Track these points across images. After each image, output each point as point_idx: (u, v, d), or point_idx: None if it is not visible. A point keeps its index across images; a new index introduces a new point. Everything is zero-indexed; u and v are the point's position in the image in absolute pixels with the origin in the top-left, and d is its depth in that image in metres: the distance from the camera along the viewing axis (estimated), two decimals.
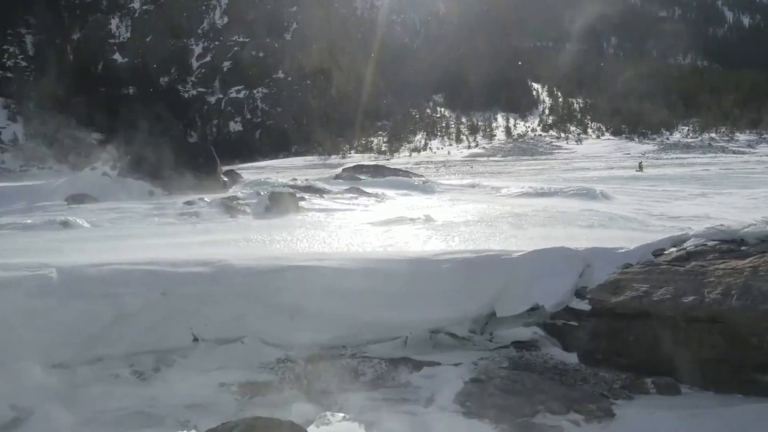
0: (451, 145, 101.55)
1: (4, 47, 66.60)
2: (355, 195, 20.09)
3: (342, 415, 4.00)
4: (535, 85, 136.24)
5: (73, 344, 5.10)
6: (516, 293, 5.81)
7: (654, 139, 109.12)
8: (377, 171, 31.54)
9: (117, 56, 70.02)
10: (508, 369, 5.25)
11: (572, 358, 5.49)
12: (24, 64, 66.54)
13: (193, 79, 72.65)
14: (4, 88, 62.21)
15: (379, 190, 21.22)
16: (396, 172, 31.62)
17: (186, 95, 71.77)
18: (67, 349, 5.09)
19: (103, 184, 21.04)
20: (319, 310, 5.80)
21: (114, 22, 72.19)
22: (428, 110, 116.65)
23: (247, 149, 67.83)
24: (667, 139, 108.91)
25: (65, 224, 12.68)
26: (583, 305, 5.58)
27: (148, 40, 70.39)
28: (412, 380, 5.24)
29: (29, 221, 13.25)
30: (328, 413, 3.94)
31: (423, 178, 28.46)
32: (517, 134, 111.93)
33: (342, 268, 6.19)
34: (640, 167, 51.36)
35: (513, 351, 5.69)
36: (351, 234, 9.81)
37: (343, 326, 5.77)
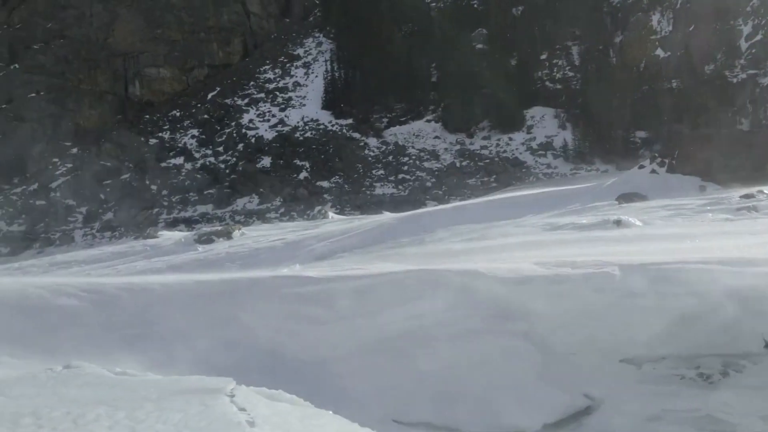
0: None
1: (554, 61, 73.36)
2: None
3: None
4: None
5: (639, 341, 5.25)
6: None
7: None
8: None
9: (659, 51, 69.57)
10: None
11: None
12: (571, 74, 71.88)
13: (741, 62, 67.08)
14: (554, 100, 68.40)
15: None
16: None
17: (734, 80, 66.80)
18: (634, 345, 5.26)
19: (652, 181, 21.11)
20: None
21: (655, 18, 71.96)
22: None
23: None
24: None
25: (618, 223, 13.14)
26: None
27: (690, 29, 67.92)
28: None
29: (584, 221, 14.15)
30: None
31: None
32: None
33: None
34: None
35: None
36: None
37: None
